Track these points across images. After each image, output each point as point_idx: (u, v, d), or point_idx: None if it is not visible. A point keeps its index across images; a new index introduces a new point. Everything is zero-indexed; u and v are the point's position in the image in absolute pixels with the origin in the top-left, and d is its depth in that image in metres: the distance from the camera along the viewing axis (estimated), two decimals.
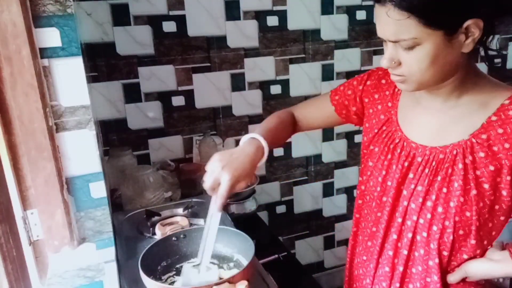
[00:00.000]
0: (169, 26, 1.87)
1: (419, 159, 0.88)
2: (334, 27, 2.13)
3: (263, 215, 2.26)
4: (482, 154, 0.81)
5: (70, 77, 1.12)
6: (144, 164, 1.83)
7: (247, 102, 2.08)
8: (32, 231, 1.13)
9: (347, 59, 2.20)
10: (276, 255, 1.39)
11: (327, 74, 2.19)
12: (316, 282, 1.35)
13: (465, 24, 0.74)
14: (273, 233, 1.64)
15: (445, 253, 0.87)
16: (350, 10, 2.11)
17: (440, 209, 0.84)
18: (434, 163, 0.86)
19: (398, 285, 0.93)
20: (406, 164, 0.90)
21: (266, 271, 1.09)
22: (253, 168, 0.92)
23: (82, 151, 1.17)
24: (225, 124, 2.06)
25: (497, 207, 0.84)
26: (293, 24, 2.06)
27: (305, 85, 2.17)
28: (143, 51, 1.85)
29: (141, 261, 0.96)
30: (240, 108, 2.07)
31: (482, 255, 0.88)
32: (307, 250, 2.46)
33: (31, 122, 1.06)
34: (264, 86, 2.09)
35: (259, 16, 2.00)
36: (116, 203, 1.65)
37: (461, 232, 0.84)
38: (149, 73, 1.88)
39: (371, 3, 2.19)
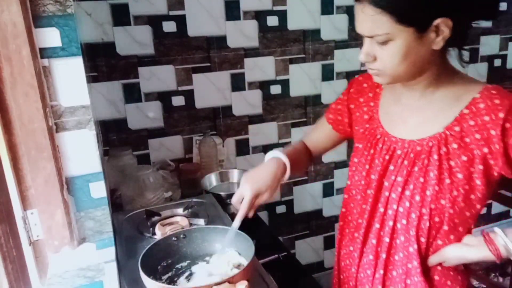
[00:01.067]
0: (169, 26, 1.87)
1: (399, 152, 0.95)
2: (334, 27, 2.13)
3: (263, 215, 2.26)
4: (455, 146, 0.87)
5: (70, 77, 1.12)
6: (144, 164, 1.84)
7: (247, 102, 2.08)
8: (32, 231, 1.13)
9: (347, 59, 2.20)
10: (276, 255, 1.39)
11: (327, 74, 2.19)
12: (316, 282, 1.35)
13: (435, 22, 0.80)
14: (273, 233, 1.64)
15: (423, 240, 0.93)
16: (350, 10, 2.11)
17: (417, 198, 0.90)
18: (412, 155, 0.92)
19: (382, 272, 0.98)
20: (387, 157, 0.96)
21: (266, 271, 1.09)
22: (274, 181, 1.02)
23: (82, 151, 1.17)
24: (225, 124, 2.06)
25: (473, 196, 0.90)
26: (293, 24, 2.06)
27: (305, 85, 2.17)
28: (143, 51, 1.85)
29: (141, 261, 0.96)
30: (240, 108, 2.07)
31: (457, 241, 0.95)
32: (307, 250, 2.46)
33: (31, 122, 1.06)
34: (264, 86, 2.09)
35: (259, 16, 2.00)
36: (116, 203, 1.65)
37: (436, 219, 0.90)
38: (149, 73, 1.88)
39: None
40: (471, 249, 0.94)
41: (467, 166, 0.87)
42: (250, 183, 1.00)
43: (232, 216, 1.52)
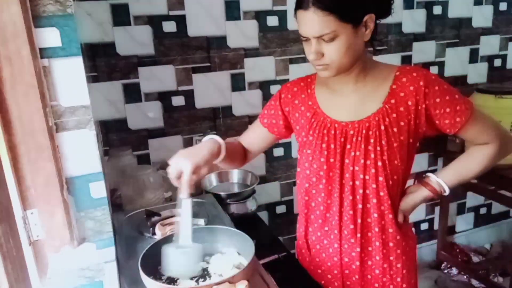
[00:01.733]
0: (169, 26, 1.87)
1: (352, 132, 1.12)
2: None
3: (263, 215, 2.26)
4: (394, 115, 1.09)
5: (70, 77, 1.12)
6: (144, 164, 1.84)
7: (247, 102, 2.08)
8: (32, 231, 1.13)
9: None
10: (276, 255, 1.39)
11: None
12: (316, 282, 1.35)
13: (364, 18, 1.02)
14: (273, 233, 1.64)
15: (385, 196, 1.13)
16: None
17: (379, 163, 1.10)
18: (364, 131, 1.10)
19: (359, 235, 1.16)
20: (342, 139, 1.13)
21: (266, 271, 1.09)
22: (211, 157, 1.09)
23: (82, 151, 1.17)
24: (225, 124, 2.06)
25: (410, 153, 1.14)
26: (293, 24, 2.06)
27: None
28: (143, 51, 1.85)
29: (141, 261, 0.96)
30: (240, 108, 2.07)
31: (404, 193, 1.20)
32: None
33: (31, 122, 1.06)
34: (264, 86, 2.09)
35: (259, 16, 2.00)
36: (116, 203, 1.65)
37: (395, 177, 1.12)
38: (149, 73, 1.88)
39: None
40: (415, 194, 1.19)
41: (406, 129, 1.09)
42: (188, 158, 1.02)
43: (232, 216, 1.52)
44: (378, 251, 1.18)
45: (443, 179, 1.16)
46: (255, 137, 1.32)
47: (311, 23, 1.00)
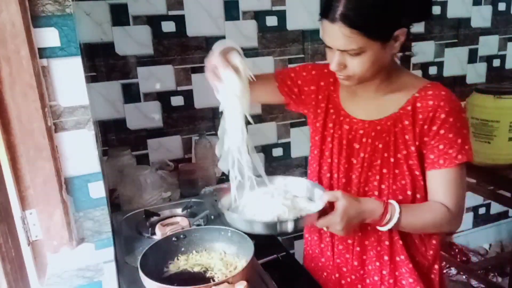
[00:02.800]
0: (168, 26, 1.87)
1: (361, 132, 1.09)
2: None
3: None
4: (407, 122, 1.03)
5: (69, 77, 1.12)
6: (143, 165, 1.83)
7: None
8: (31, 231, 1.13)
9: None
10: (275, 255, 1.39)
11: None
12: (316, 281, 1.35)
13: (395, 33, 0.96)
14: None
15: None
16: None
17: (384, 170, 1.05)
18: (373, 133, 1.07)
19: (356, 241, 1.13)
20: (350, 136, 1.10)
21: (265, 271, 1.09)
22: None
23: (81, 151, 1.17)
24: None
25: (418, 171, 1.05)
26: (292, 24, 2.06)
27: None
28: (142, 51, 1.85)
29: (140, 261, 0.96)
30: None
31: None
32: None
33: (30, 122, 1.06)
34: None
35: (258, 16, 2.00)
36: (115, 203, 1.65)
37: (403, 182, 1.05)
38: (148, 73, 1.88)
39: None
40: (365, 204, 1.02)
41: (417, 139, 1.02)
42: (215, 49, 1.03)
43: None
44: (374, 261, 1.13)
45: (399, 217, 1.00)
46: (261, 85, 1.21)
47: (336, 36, 0.94)
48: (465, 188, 1.06)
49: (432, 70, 2.47)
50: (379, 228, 1.03)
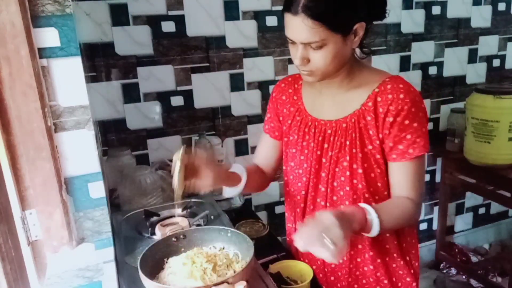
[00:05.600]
0: (168, 26, 1.87)
1: (329, 131, 1.12)
2: None
3: (263, 215, 2.26)
4: (369, 118, 1.06)
5: (68, 77, 1.12)
6: (143, 164, 1.83)
7: (246, 102, 2.08)
8: (30, 231, 1.13)
9: None
10: (275, 255, 1.39)
11: None
12: (316, 281, 1.35)
13: (355, 27, 0.99)
14: (272, 233, 1.64)
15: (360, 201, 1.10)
16: None
17: (354, 166, 1.09)
18: (339, 131, 1.10)
19: None
20: (320, 138, 1.13)
21: (265, 271, 1.09)
22: (226, 175, 1.16)
23: (81, 151, 1.17)
24: (224, 124, 2.06)
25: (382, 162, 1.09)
26: None
27: None
28: (142, 51, 1.85)
29: (140, 261, 0.96)
30: (239, 108, 2.07)
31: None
32: None
33: (30, 122, 1.06)
34: (263, 86, 2.09)
35: (258, 16, 2.00)
36: (114, 203, 1.65)
37: (372, 175, 1.09)
38: (148, 73, 1.88)
39: None
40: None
41: (380, 132, 1.05)
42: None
43: (229, 215, 1.52)
44: (346, 257, 1.16)
45: (378, 219, 0.98)
46: (263, 150, 1.32)
47: (299, 29, 0.97)
48: (424, 177, 1.14)
49: (432, 70, 2.47)
50: (367, 235, 1.01)
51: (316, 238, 0.87)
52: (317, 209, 1.17)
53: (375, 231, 0.98)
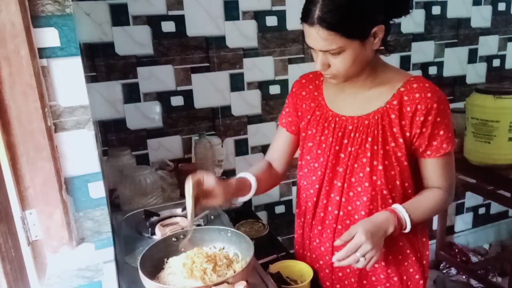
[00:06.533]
0: (168, 26, 1.87)
1: (350, 127, 1.13)
2: None
3: (262, 215, 2.26)
4: (393, 116, 1.07)
5: (68, 77, 1.12)
6: (143, 164, 1.83)
7: (246, 102, 2.08)
8: (30, 231, 1.13)
9: None
10: (275, 255, 1.39)
11: None
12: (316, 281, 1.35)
13: (373, 31, 1.00)
14: (272, 233, 1.64)
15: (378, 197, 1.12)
16: None
17: (375, 163, 1.09)
18: (361, 128, 1.11)
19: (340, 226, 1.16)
20: (340, 134, 1.14)
21: (265, 271, 1.09)
22: (236, 189, 1.12)
23: (81, 151, 1.17)
24: (224, 124, 2.06)
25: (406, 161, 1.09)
26: (292, 24, 2.06)
27: None
28: (142, 51, 1.85)
29: (140, 261, 0.96)
30: (239, 108, 2.07)
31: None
32: None
33: (30, 122, 1.06)
34: (263, 86, 2.09)
35: (258, 16, 2.00)
36: (114, 203, 1.65)
37: (392, 172, 1.10)
38: (148, 73, 1.88)
39: None
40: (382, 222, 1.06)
41: (405, 131, 1.07)
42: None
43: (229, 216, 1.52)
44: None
45: (408, 215, 1.07)
46: (278, 144, 1.31)
47: (317, 38, 0.99)
48: (454, 168, 1.15)
49: (432, 70, 2.47)
50: (403, 232, 1.09)
51: (351, 259, 1.00)
52: (330, 204, 1.17)
53: (408, 227, 1.07)
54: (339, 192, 1.15)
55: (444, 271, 2.68)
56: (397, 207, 1.07)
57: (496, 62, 2.64)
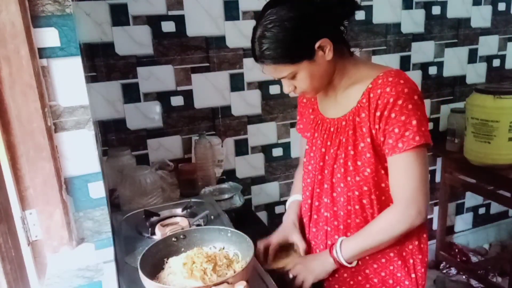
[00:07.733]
0: (168, 26, 1.87)
1: (332, 129, 1.16)
2: None
3: (262, 215, 2.26)
4: (363, 115, 1.07)
5: (68, 77, 1.12)
6: (143, 164, 1.83)
7: (246, 102, 2.08)
8: (30, 231, 1.13)
9: None
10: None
11: None
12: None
13: (316, 46, 1.02)
14: (272, 233, 1.64)
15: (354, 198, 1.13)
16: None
17: (348, 163, 1.10)
18: (339, 129, 1.13)
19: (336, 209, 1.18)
20: (325, 136, 1.18)
21: (265, 271, 1.09)
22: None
23: (81, 151, 1.17)
24: (224, 124, 2.06)
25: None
26: None
27: None
28: (142, 51, 1.85)
29: (140, 261, 0.96)
30: (239, 108, 2.07)
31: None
32: None
33: (30, 122, 1.06)
34: (263, 86, 2.09)
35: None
36: (114, 203, 1.65)
37: (365, 173, 1.09)
38: (148, 73, 1.88)
39: (369, 2, 2.19)
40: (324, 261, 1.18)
41: (371, 129, 1.06)
42: (310, 272, 1.18)
43: (230, 217, 1.52)
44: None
45: (345, 254, 1.12)
46: (301, 148, 1.35)
47: (268, 71, 1.07)
48: (425, 173, 1.06)
49: (432, 70, 2.47)
50: (349, 265, 1.15)
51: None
52: (322, 206, 1.21)
53: (347, 265, 1.15)
54: (327, 194, 1.18)
55: (444, 271, 2.68)
56: (336, 245, 1.14)
57: (496, 62, 2.64)
